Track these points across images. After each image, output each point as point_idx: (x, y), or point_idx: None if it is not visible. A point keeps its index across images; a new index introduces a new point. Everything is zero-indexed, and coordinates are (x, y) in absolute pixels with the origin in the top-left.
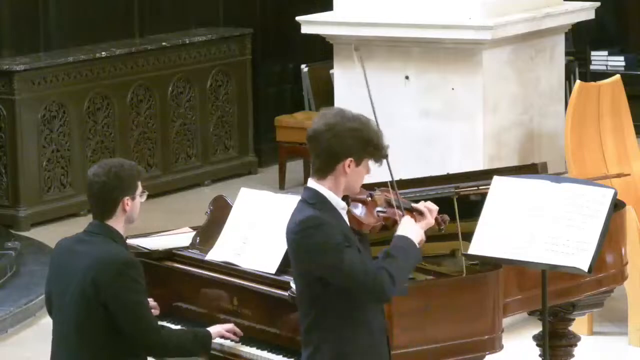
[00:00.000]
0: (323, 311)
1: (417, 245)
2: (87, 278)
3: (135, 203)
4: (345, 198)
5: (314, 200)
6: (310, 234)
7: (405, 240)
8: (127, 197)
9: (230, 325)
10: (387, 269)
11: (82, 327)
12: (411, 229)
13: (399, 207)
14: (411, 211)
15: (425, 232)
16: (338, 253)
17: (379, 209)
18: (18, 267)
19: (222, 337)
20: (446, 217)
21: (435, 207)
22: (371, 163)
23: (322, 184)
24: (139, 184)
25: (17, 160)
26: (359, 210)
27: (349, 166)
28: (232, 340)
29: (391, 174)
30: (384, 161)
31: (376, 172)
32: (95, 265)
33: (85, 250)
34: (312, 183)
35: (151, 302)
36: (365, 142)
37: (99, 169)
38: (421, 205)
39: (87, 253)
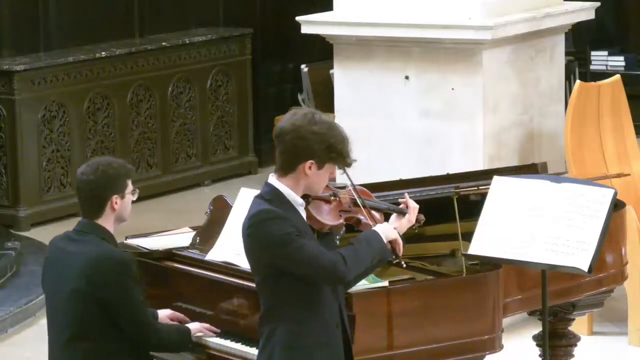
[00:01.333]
0: (277, 302)
1: (384, 239)
2: (82, 278)
3: (125, 202)
4: (305, 196)
5: (270, 197)
6: (262, 226)
7: (372, 233)
8: (115, 196)
9: (207, 325)
10: (341, 253)
11: (77, 326)
12: (384, 227)
13: (364, 207)
14: (380, 211)
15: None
16: (289, 242)
17: (342, 208)
18: (18, 267)
19: (201, 332)
20: (421, 217)
21: (416, 205)
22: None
23: (282, 182)
24: (129, 182)
25: (17, 160)
26: (318, 209)
27: (309, 168)
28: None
29: (349, 178)
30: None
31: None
32: (90, 265)
33: (77, 250)
34: (272, 179)
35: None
36: (328, 147)
37: (87, 168)
38: (402, 206)
39: (80, 253)
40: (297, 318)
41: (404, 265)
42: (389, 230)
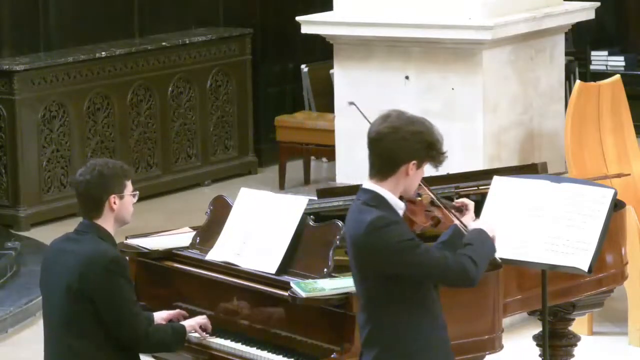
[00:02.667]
0: (391, 311)
1: (491, 238)
2: (75, 275)
3: (124, 202)
4: (400, 199)
5: (375, 202)
6: (382, 233)
7: (480, 232)
8: (113, 196)
9: (202, 319)
10: (467, 254)
11: (71, 324)
12: (483, 224)
13: (446, 207)
14: (449, 210)
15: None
16: (415, 248)
17: (425, 208)
18: (18, 267)
19: (195, 330)
20: None
21: (472, 203)
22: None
23: (382, 186)
24: (128, 183)
25: (17, 160)
26: (411, 211)
27: (411, 169)
28: (201, 335)
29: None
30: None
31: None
32: (83, 263)
33: (73, 248)
34: (370, 185)
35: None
36: (428, 145)
37: (84, 169)
38: (460, 203)
39: (75, 251)
40: (413, 324)
41: (500, 261)
42: (489, 226)
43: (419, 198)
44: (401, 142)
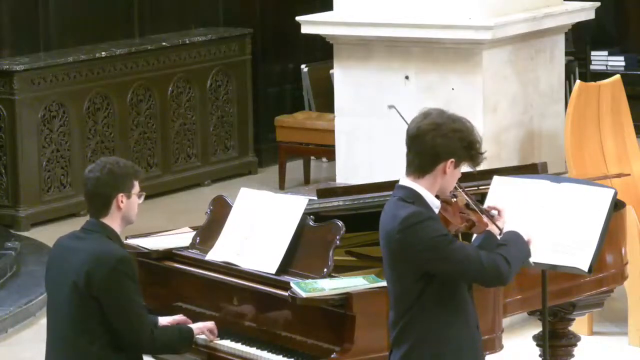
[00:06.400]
0: (423, 308)
1: (526, 241)
2: (81, 273)
3: (131, 202)
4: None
5: (412, 199)
6: (417, 229)
7: (516, 234)
8: (121, 194)
9: (211, 324)
10: (501, 254)
11: (74, 321)
12: (519, 230)
13: (480, 211)
14: (482, 214)
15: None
16: (449, 244)
17: (460, 210)
18: (18, 267)
19: (203, 333)
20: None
21: (504, 208)
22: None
23: (419, 183)
24: (136, 183)
25: (17, 160)
26: (446, 211)
27: (449, 167)
28: (209, 338)
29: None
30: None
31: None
32: (90, 261)
33: (80, 246)
34: (407, 182)
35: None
36: (469, 144)
37: (94, 166)
38: (493, 209)
39: (82, 249)
40: (445, 323)
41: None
42: (525, 231)
43: (454, 199)
44: (442, 139)
